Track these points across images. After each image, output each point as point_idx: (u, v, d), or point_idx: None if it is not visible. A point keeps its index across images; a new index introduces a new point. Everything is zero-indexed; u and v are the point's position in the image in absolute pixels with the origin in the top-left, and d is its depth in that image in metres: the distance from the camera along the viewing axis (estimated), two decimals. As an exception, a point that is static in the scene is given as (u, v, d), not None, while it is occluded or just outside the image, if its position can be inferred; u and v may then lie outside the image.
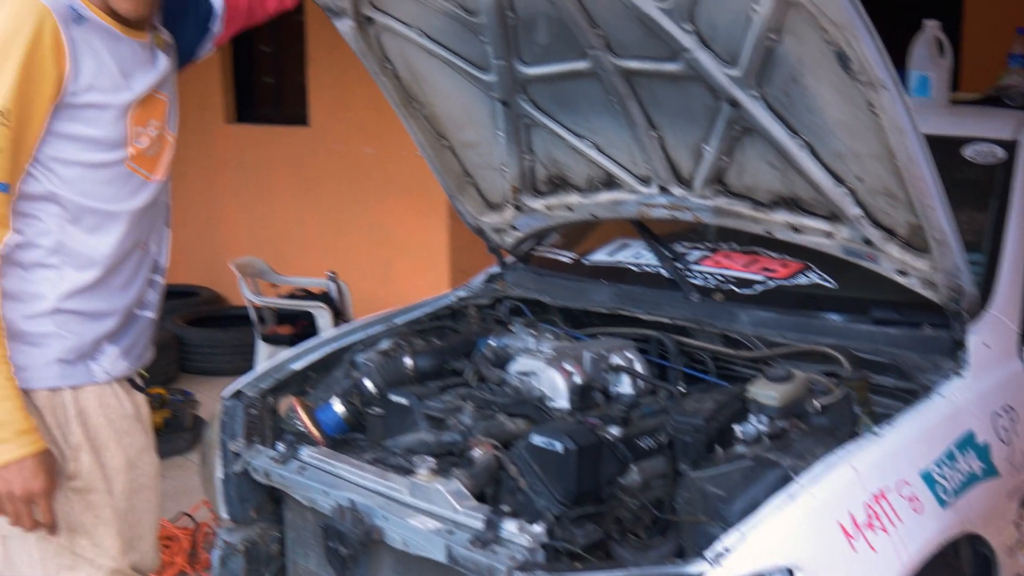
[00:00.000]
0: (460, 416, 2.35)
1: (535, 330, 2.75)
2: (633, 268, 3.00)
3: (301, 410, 2.48)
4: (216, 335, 6.43)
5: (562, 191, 2.97)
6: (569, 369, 2.42)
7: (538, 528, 1.93)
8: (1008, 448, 2.32)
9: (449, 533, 2.00)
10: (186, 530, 3.94)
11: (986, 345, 2.37)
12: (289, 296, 5.78)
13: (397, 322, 2.98)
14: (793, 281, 2.71)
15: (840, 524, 1.87)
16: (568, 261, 3.18)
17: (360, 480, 2.22)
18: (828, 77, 2.11)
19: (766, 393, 2.17)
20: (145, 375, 2.30)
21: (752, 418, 2.17)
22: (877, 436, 2.07)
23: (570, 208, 2.97)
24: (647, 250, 2.99)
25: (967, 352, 2.31)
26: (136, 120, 2.11)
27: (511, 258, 3.25)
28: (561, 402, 2.39)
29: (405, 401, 2.45)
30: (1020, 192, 2.73)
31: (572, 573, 1.92)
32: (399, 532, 2.07)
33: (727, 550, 1.79)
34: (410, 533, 2.05)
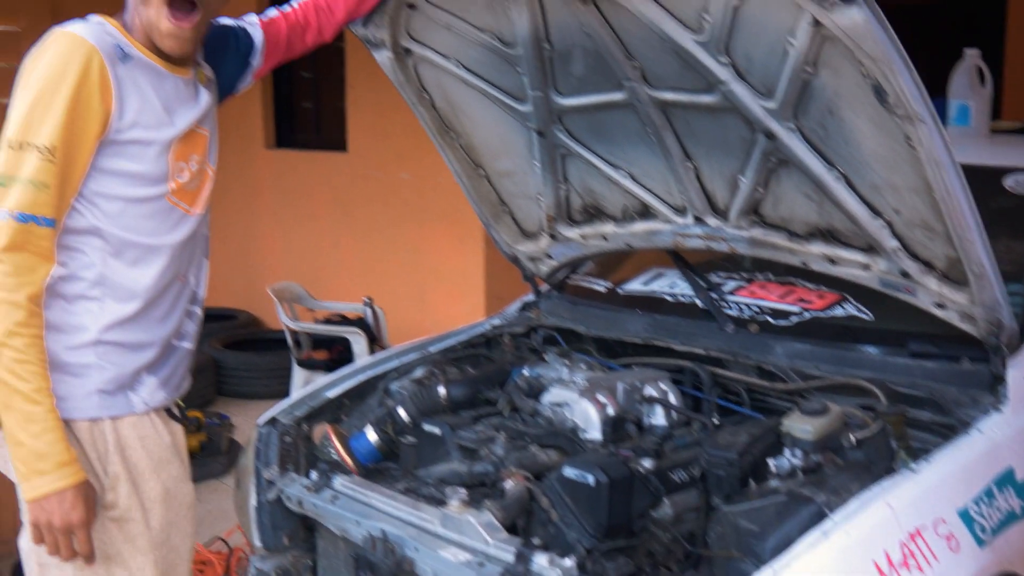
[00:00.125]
0: (493, 446, 2.35)
1: (569, 360, 2.75)
2: (668, 298, 2.99)
3: (335, 438, 2.50)
4: (253, 359, 6.48)
5: (597, 220, 2.97)
6: (602, 400, 2.42)
7: (569, 562, 1.92)
8: (1049, 486, 2.28)
9: (480, 565, 2.00)
10: (220, 555, 3.95)
11: (1026, 380, 2.34)
12: (325, 321, 5.81)
13: (432, 350, 2.99)
14: (829, 313, 2.69)
15: (875, 563, 1.84)
16: (603, 290, 3.18)
17: (392, 510, 2.22)
18: (865, 110, 2.10)
19: (801, 426, 2.15)
20: (182, 405, 2.32)
21: (786, 452, 2.15)
22: (914, 472, 2.04)
23: (605, 237, 2.97)
24: (682, 279, 2.98)
25: (1006, 387, 2.27)
26: (178, 155, 2.14)
27: (546, 287, 3.25)
28: (594, 433, 2.38)
29: (438, 431, 2.45)
30: (1061, 224, 2.70)
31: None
32: (430, 563, 2.07)
33: (760, 587, 1.77)
34: (441, 565, 2.05)
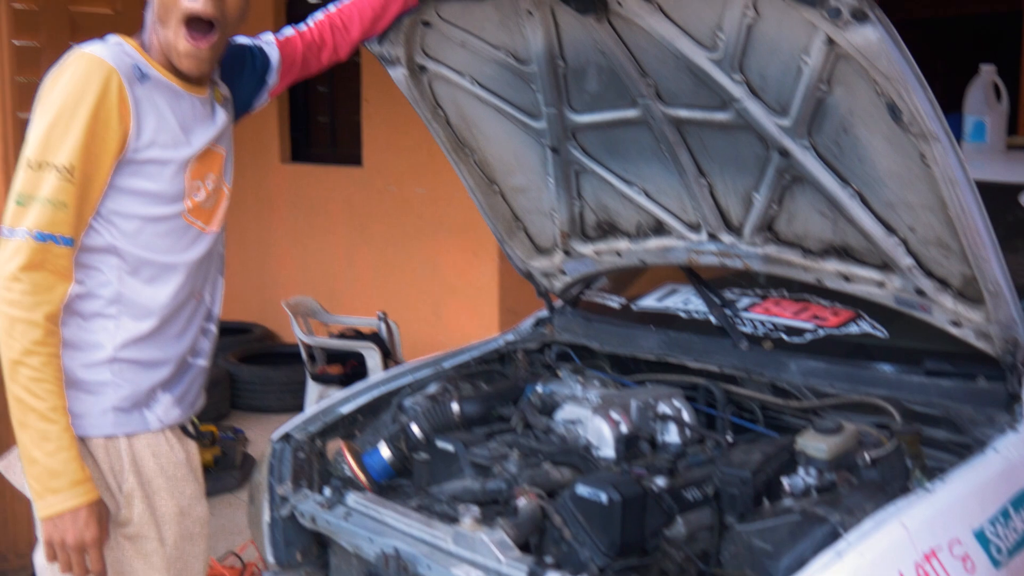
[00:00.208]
0: (506, 464, 2.35)
1: (582, 376, 2.74)
2: (682, 314, 2.99)
3: (349, 455, 2.50)
4: (268, 372, 6.48)
5: (611, 236, 2.97)
6: (615, 418, 2.41)
7: (581, 580, 1.92)
8: (1066, 505, 2.26)
9: (492, 584, 1.99)
10: (234, 569, 3.96)
11: (1043, 399, 2.32)
12: (340, 335, 5.83)
13: (445, 366, 2.99)
14: (844, 330, 2.68)
15: (890, 583, 1.84)
16: (616, 306, 3.18)
17: (405, 528, 2.22)
18: (879, 128, 2.10)
19: (815, 445, 2.14)
20: (196, 422, 2.33)
21: (801, 470, 2.15)
22: (929, 492, 2.02)
23: (619, 254, 2.97)
24: (696, 296, 2.98)
25: (1023, 406, 2.26)
26: (194, 174, 2.15)
27: (559, 302, 3.25)
28: (607, 451, 2.38)
29: (451, 448, 2.45)
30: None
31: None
32: (443, 581, 2.07)
33: (774, 607, 1.76)
34: (453, 582, 2.05)
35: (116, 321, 2.10)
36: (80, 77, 1.99)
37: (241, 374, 6.44)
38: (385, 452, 2.54)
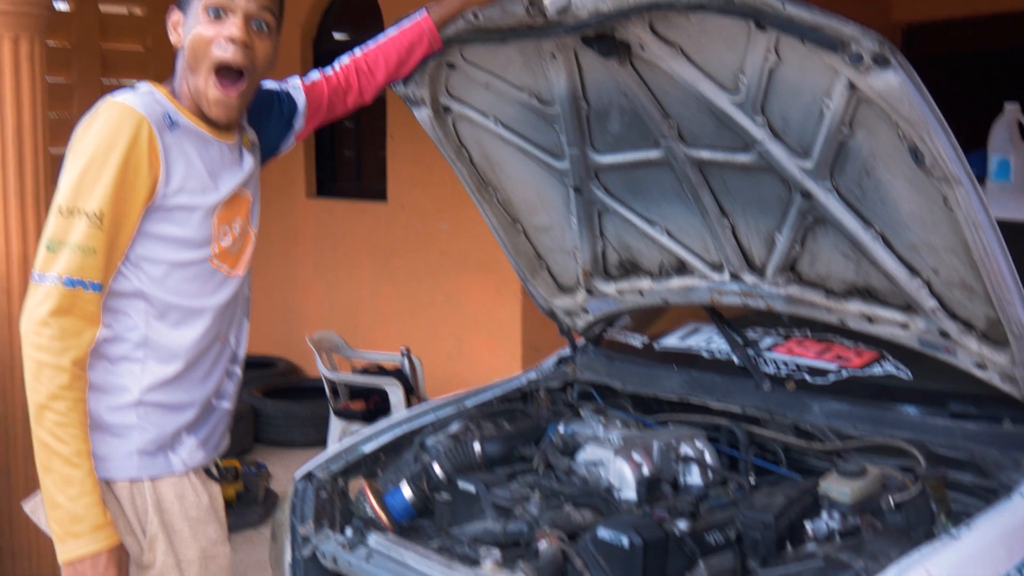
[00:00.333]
0: (527, 505, 2.35)
1: (604, 416, 2.74)
2: (704, 354, 2.98)
3: (371, 495, 2.50)
4: (291, 407, 6.48)
5: (634, 276, 2.98)
6: (637, 460, 2.41)
7: (603, 625, 1.91)
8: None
9: (513, 627, 1.99)
10: (256, 606, 3.96)
11: (1070, 442, 2.30)
12: (363, 371, 5.84)
13: (468, 404, 2.99)
14: (867, 371, 2.66)
15: (914, 631, 1.82)
16: (639, 345, 3.17)
17: (426, 570, 2.21)
18: (902, 170, 2.10)
19: (838, 488, 2.13)
20: (219, 464, 2.34)
21: (824, 514, 2.13)
22: (954, 538, 2.00)
23: (641, 293, 2.98)
24: (719, 335, 2.97)
25: (1050, 450, 2.24)
26: (221, 219, 2.17)
27: (582, 341, 3.25)
28: (629, 493, 2.37)
29: (472, 489, 2.45)
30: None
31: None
32: (464, 624, 2.06)
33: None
34: (474, 625, 2.04)
35: (142, 364, 2.12)
36: (112, 126, 2.02)
37: (265, 408, 6.45)
38: (407, 492, 2.54)
